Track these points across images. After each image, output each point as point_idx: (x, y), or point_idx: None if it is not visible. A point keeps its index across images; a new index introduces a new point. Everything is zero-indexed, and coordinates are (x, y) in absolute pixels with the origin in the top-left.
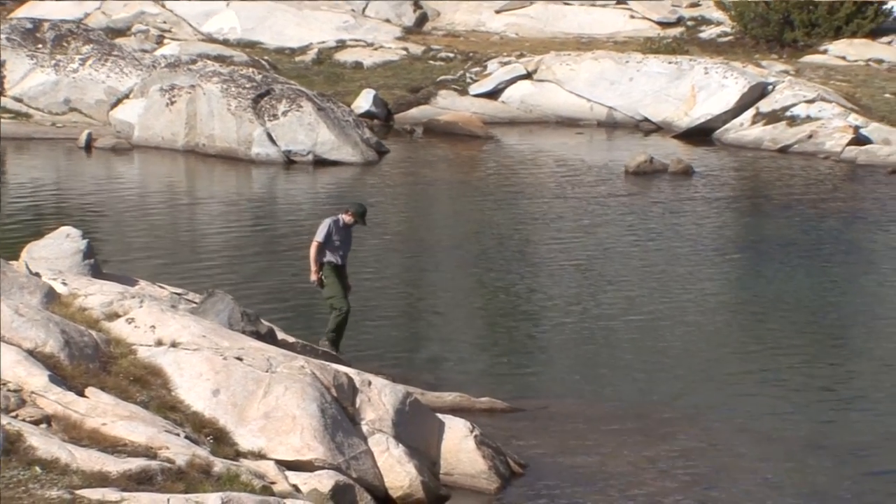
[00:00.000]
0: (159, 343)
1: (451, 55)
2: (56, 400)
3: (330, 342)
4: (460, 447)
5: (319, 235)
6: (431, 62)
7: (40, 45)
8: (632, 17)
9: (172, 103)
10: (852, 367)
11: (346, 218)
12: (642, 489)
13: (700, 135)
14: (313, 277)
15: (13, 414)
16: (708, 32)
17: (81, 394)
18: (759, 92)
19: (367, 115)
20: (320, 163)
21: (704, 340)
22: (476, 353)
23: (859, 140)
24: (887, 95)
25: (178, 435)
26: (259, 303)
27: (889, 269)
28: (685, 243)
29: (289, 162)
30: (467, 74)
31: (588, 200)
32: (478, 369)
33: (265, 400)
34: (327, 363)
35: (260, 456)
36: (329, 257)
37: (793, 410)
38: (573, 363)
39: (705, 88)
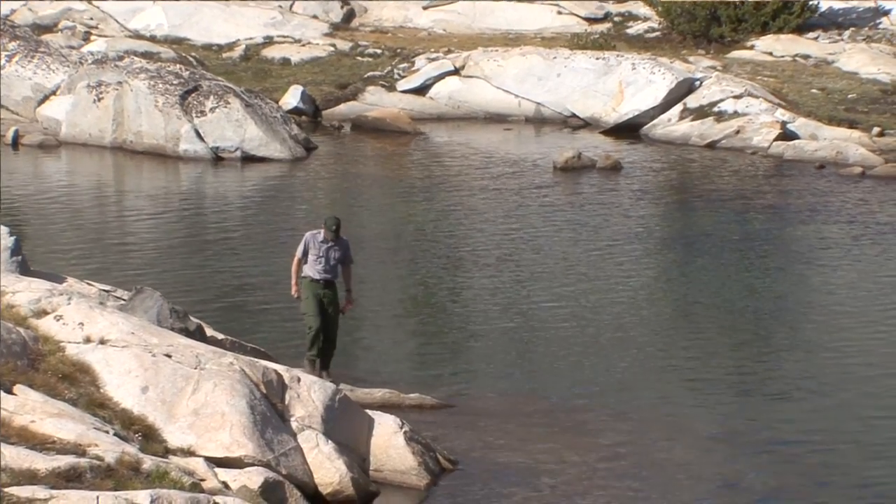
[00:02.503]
0: (88, 340)
1: (379, 51)
2: None
3: (308, 362)
4: (390, 443)
5: (297, 250)
6: (359, 58)
7: None
8: (559, 13)
9: (100, 100)
10: (776, 360)
11: (325, 233)
12: (570, 485)
13: (628, 130)
14: (293, 291)
15: None
16: (635, 28)
17: (10, 391)
18: (687, 87)
19: (295, 111)
20: (248, 159)
21: (630, 335)
22: (405, 348)
23: (787, 135)
24: (814, 91)
25: (107, 432)
26: (188, 299)
27: (814, 262)
28: (613, 238)
29: (217, 158)
30: (395, 70)
31: (516, 196)
32: (407, 365)
33: (194, 397)
34: (256, 360)
35: (189, 453)
36: (306, 272)
37: (718, 405)
38: (502, 359)
39: (633, 84)
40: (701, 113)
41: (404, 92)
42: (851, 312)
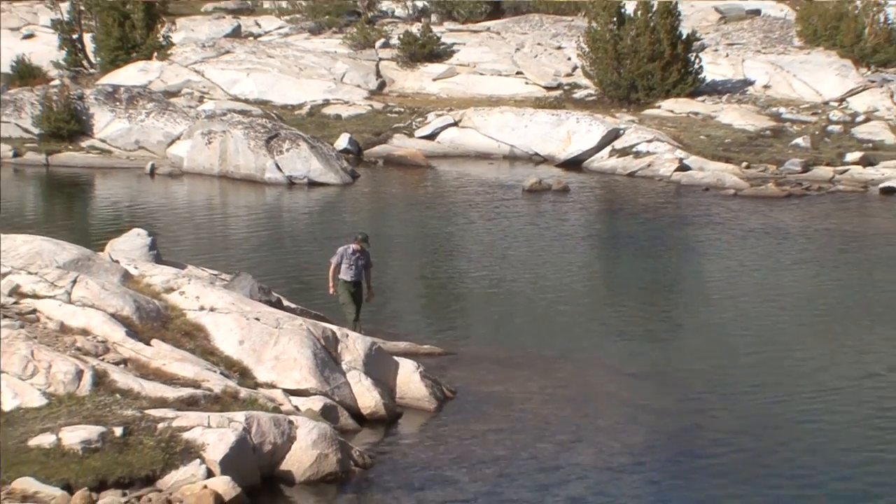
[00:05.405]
0: (202, 308)
1: (402, 110)
2: (130, 348)
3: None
4: (410, 379)
5: (332, 260)
6: (389, 114)
7: (118, 103)
8: (526, 83)
9: (210, 143)
10: (678, 317)
11: (354, 245)
12: (536, 407)
13: (574, 164)
14: (330, 291)
15: (101, 358)
16: (579, 93)
17: (148, 343)
18: (614, 135)
19: (345, 151)
20: (313, 184)
21: (576, 301)
22: (420, 313)
23: (683, 167)
24: (702, 137)
25: (215, 372)
26: (271, 280)
27: (701, 253)
28: (563, 236)
29: (291, 184)
30: (413, 123)
31: (496, 208)
32: (422, 325)
33: (275, 347)
34: (318, 322)
35: (271, 386)
36: (342, 275)
37: (639, 350)
38: (487, 321)
39: (577, 132)
40: (624, 152)
41: (420, 138)
42: (727, 284)
